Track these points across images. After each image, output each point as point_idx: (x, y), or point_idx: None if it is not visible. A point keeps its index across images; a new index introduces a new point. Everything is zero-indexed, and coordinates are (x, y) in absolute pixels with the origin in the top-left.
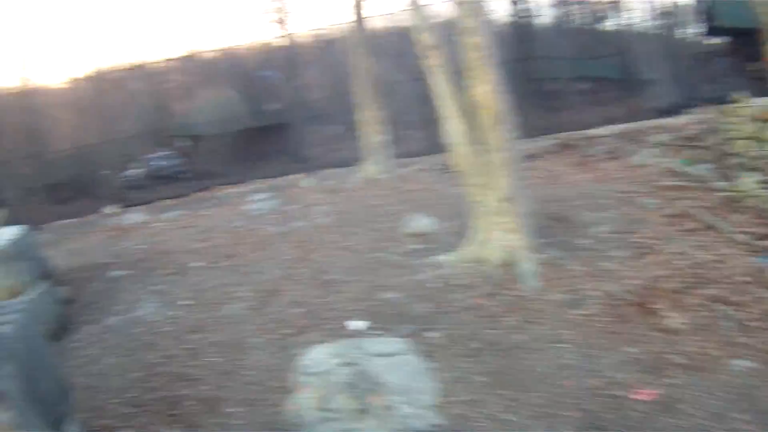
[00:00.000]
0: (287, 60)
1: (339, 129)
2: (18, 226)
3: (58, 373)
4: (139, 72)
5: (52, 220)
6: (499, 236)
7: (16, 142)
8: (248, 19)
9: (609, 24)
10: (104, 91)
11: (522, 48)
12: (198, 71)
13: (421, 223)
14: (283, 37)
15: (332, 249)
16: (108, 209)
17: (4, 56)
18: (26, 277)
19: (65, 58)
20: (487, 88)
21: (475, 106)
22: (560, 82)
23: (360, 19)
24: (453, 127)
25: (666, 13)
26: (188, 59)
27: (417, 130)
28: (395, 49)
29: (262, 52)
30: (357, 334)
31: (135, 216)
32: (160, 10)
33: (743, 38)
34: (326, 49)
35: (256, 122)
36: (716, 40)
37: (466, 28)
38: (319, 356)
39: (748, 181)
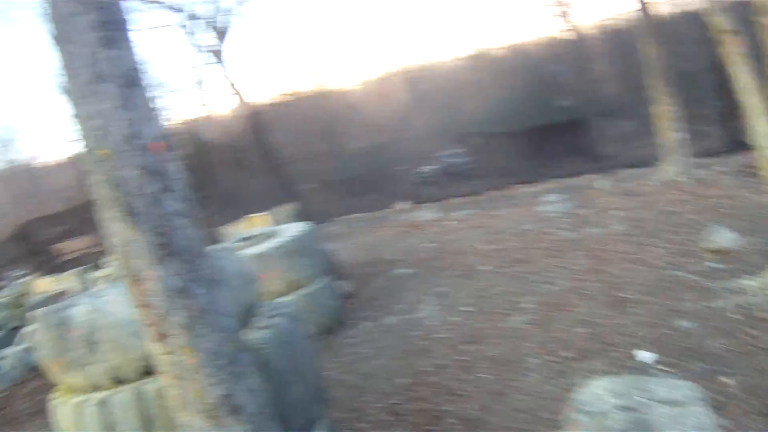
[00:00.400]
0: (574, 53)
1: (633, 125)
2: (303, 222)
3: (315, 376)
4: (428, 72)
5: (344, 213)
6: None
7: (314, 141)
8: (533, 14)
9: None
10: (395, 90)
11: None
12: (487, 68)
13: (723, 237)
14: (568, 30)
15: (625, 261)
16: (399, 205)
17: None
18: (309, 272)
19: (356, 61)
20: None
21: None
22: None
23: (645, 6)
24: (759, 125)
25: None
26: (477, 57)
27: (714, 126)
28: (687, 35)
29: (548, 46)
30: (643, 367)
31: (425, 213)
32: (447, 10)
33: None
34: (613, 39)
35: (547, 119)
36: None
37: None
38: (597, 392)
39: None
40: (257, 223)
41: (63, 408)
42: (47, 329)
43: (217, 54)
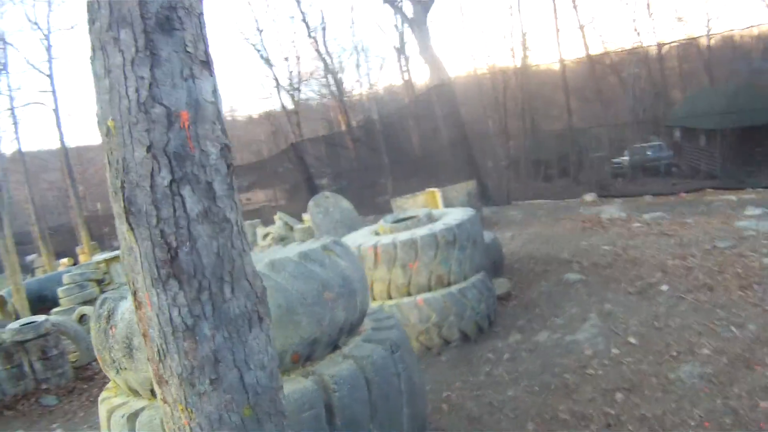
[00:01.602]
0: None
1: None
2: (464, 209)
3: (419, 399)
4: (635, 57)
5: (527, 198)
6: None
7: (509, 117)
8: (747, 2)
9: None
10: (599, 74)
11: None
12: (697, 58)
13: None
14: None
15: None
16: (588, 196)
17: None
18: (462, 266)
19: (561, 39)
20: None
21: None
22: None
23: None
24: None
25: None
26: (687, 45)
27: None
28: None
29: (763, 38)
30: None
31: (612, 209)
32: None
33: None
34: None
35: (758, 119)
36: None
37: None
38: None
39: None
40: (429, 199)
41: (101, 408)
42: (96, 319)
43: (418, 21)
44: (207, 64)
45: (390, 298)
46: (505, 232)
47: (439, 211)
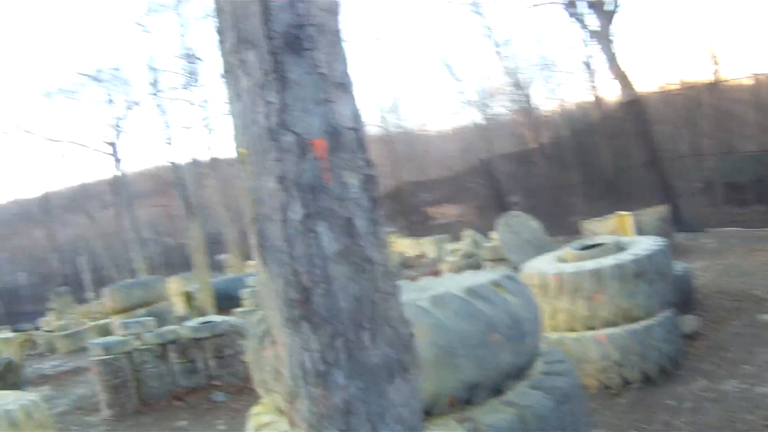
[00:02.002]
0: None
1: None
2: (653, 238)
3: None
4: None
5: (722, 224)
6: None
7: (702, 137)
8: None
9: None
10: None
11: None
12: None
13: None
14: None
15: None
16: None
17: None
18: (649, 301)
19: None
20: None
21: None
22: None
23: None
24: None
25: None
26: None
27: None
28: None
29: None
30: None
31: None
32: None
33: None
34: None
35: None
36: None
37: None
38: None
39: None
40: (620, 223)
41: (250, 422)
42: (251, 337)
43: (604, 35)
44: (345, 86)
45: (572, 330)
46: (697, 261)
47: (628, 239)
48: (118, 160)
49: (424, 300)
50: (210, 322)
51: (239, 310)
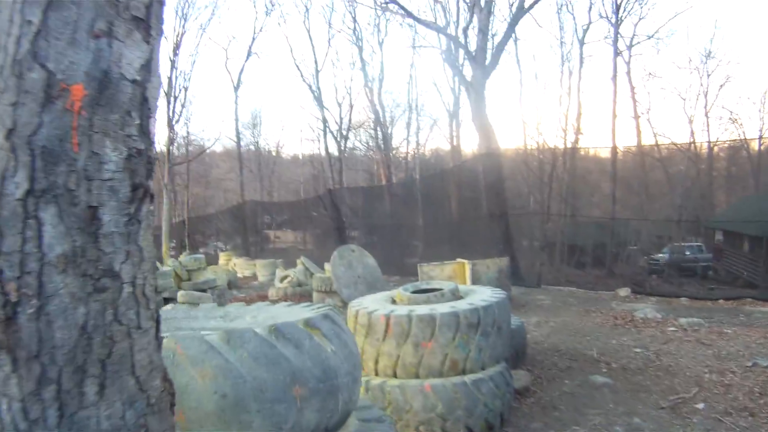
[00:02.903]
0: None
1: None
2: (493, 290)
3: None
4: (686, 154)
5: (558, 283)
6: None
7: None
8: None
9: None
10: (647, 167)
11: None
12: (746, 162)
13: None
14: None
15: None
16: (622, 291)
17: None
18: (483, 354)
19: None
20: None
21: None
22: None
23: None
24: None
25: None
26: (738, 147)
27: None
28: None
29: None
30: None
31: (647, 309)
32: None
33: None
34: None
35: None
36: None
37: None
38: None
39: None
40: (458, 270)
41: None
42: None
43: (477, 86)
44: (145, 24)
45: (395, 376)
46: (532, 317)
47: (466, 287)
48: None
49: (215, 335)
50: None
51: None
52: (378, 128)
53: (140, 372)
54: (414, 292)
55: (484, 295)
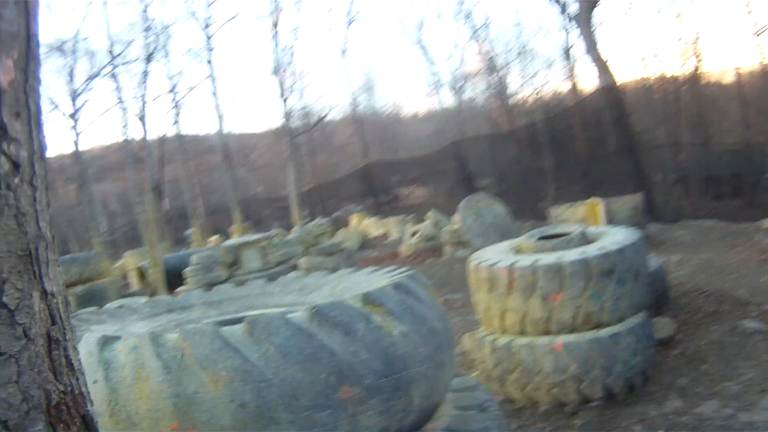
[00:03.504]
0: None
1: None
2: (626, 230)
3: None
4: None
5: (698, 216)
6: None
7: (681, 129)
8: None
9: None
10: None
11: None
12: None
13: None
14: None
15: None
16: (766, 222)
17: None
18: (620, 304)
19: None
20: None
21: None
22: None
23: None
24: None
25: None
26: None
27: None
28: None
29: None
30: None
31: None
32: None
33: None
34: None
35: None
36: None
37: None
38: None
39: None
40: (590, 211)
41: None
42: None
43: (585, 21)
44: None
45: (523, 333)
46: (672, 255)
47: (596, 229)
48: (79, 134)
49: (239, 327)
50: None
51: (181, 289)
52: (493, 76)
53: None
54: (540, 238)
55: (617, 237)
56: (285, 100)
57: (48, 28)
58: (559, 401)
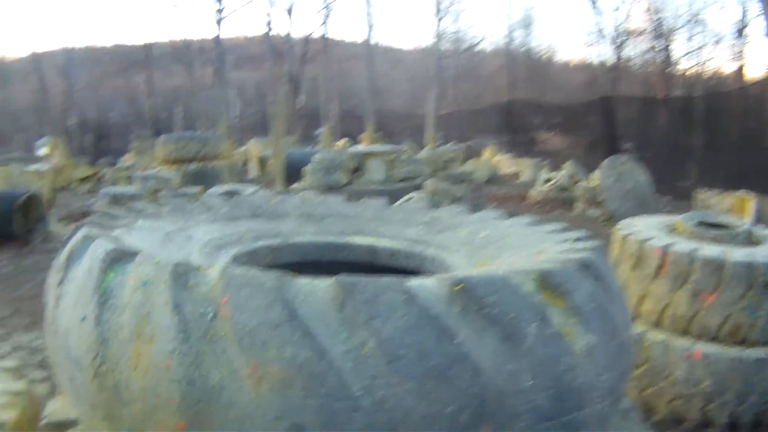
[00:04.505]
0: None
1: None
2: None
3: None
4: None
5: None
6: None
7: None
8: None
9: None
10: None
11: None
12: None
13: None
14: None
15: None
16: None
17: None
18: None
19: None
20: None
21: None
22: None
23: None
24: None
25: None
26: None
27: None
28: None
29: None
30: None
31: None
32: None
33: None
34: None
35: None
36: None
37: None
38: None
39: None
40: (739, 204)
41: None
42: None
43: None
44: None
45: (657, 325)
46: None
47: (763, 231)
48: (221, 19)
49: (318, 290)
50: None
51: (295, 185)
52: (658, 39)
53: None
54: (698, 224)
55: None
56: (440, 20)
57: None
58: (677, 416)
